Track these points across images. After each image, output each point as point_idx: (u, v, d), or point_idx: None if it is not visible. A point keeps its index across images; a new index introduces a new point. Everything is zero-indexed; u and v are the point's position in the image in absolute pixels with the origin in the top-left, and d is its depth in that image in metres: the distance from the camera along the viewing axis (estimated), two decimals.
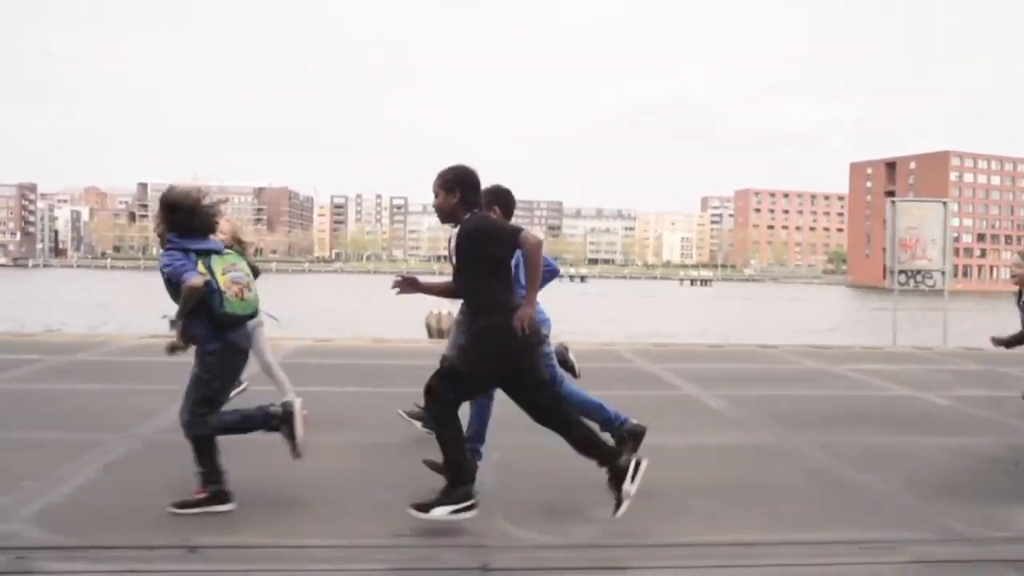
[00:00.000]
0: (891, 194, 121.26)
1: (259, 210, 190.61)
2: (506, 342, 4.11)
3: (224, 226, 6.19)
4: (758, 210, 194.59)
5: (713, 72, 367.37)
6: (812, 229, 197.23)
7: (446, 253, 4.93)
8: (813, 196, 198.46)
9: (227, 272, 4.49)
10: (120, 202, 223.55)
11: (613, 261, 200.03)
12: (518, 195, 5.18)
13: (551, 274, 5.29)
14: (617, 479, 4.22)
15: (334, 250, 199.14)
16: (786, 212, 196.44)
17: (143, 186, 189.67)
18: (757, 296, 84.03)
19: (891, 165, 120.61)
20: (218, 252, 4.54)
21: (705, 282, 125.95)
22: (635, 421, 5.21)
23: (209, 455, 4.51)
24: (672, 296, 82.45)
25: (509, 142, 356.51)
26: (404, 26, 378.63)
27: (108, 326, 29.25)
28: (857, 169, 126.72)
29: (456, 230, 4.33)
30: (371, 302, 45.01)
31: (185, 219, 4.46)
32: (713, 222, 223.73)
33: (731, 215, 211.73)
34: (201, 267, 4.39)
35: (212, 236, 4.68)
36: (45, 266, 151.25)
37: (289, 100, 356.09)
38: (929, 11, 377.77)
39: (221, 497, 4.47)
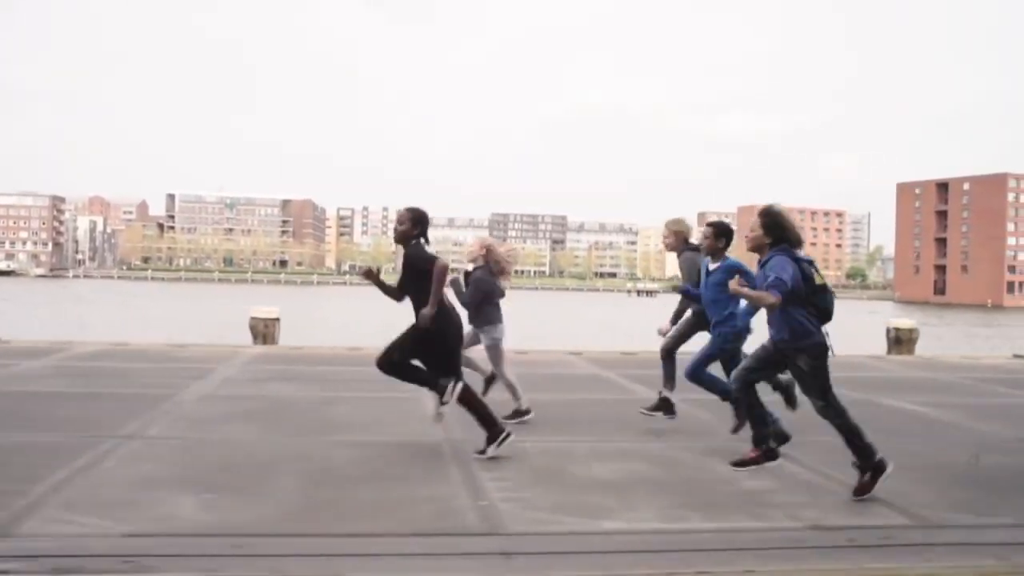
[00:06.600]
0: (943, 214, 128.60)
1: (285, 222, 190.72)
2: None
3: (475, 244, 6.71)
4: None
5: (658, 82, 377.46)
6: (813, 244, 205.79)
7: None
8: (813, 212, 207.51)
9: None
10: (124, 212, 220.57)
11: (616, 275, 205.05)
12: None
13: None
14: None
15: (347, 262, 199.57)
16: None
17: (171, 196, 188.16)
18: (848, 314, 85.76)
19: (942, 186, 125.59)
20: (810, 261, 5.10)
21: (650, 293, 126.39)
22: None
23: (761, 421, 5.39)
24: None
25: (447, 153, 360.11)
26: (349, 39, 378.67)
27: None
28: (905, 189, 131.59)
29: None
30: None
31: (790, 234, 5.07)
32: None
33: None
34: (817, 277, 5.02)
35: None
36: (85, 276, 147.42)
37: (239, 112, 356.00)
38: (884, 27, 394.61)
39: (770, 455, 5.38)
